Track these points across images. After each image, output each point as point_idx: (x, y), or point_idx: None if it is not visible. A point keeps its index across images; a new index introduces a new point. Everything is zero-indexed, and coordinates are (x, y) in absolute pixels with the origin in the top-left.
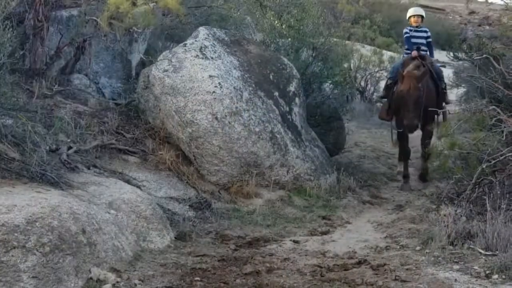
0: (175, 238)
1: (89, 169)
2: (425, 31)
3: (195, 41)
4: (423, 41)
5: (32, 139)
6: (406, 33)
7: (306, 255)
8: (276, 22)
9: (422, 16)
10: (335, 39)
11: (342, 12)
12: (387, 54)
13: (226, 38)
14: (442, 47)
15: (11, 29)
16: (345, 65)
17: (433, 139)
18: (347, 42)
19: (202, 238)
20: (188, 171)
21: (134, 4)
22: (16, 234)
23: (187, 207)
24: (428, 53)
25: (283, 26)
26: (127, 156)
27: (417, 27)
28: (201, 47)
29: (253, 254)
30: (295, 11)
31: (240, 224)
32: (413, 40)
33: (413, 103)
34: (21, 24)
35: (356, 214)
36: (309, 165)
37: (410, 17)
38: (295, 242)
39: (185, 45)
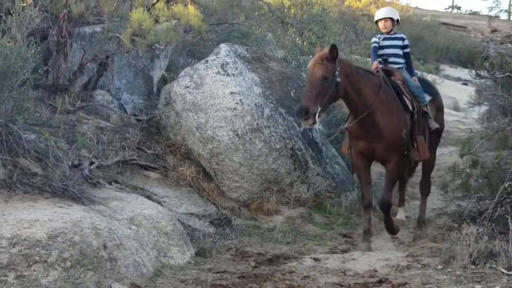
0: (195, 254)
1: (110, 184)
2: (400, 39)
3: (217, 57)
4: (397, 51)
5: (55, 154)
6: (374, 42)
7: (326, 273)
8: (297, 39)
9: (393, 20)
10: (356, 56)
11: (364, 29)
12: None
13: (247, 55)
14: (464, 65)
15: (35, 45)
16: None
17: (454, 158)
18: (368, 59)
19: (222, 254)
20: (208, 187)
21: (156, 21)
22: (38, 248)
23: (208, 223)
24: (402, 66)
25: (305, 43)
26: (148, 172)
27: (388, 33)
28: (223, 63)
29: (273, 271)
30: (316, 28)
31: (260, 241)
32: (382, 51)
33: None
34: (45, 40)
35: (377, 232)
36: (329, 182)
37: (377, 21)
38: (316, 259)
39: (206, 61)
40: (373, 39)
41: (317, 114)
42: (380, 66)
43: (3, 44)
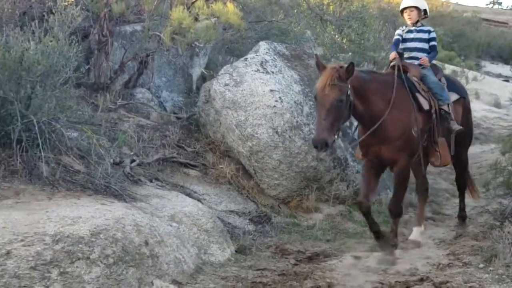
0: (235, 251)
1: (151, 182)
2: (426, 31)
3: (256, 55)
4: (422, 45)
5: (97, 152)
6: (397, 35)
7: (367, 271)
8: (336, 36)
9: (419, 9)
10: None
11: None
12: (449, 68)
13: (286, 53)
14: (505, 61)
15: (76, 44)
16: None
17: (495, 155)
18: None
19: (262, 252)
20: (248, 185)
21: (196, 19)
22: (80, 245)
23: (247, 220)
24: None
25: (344, 40)
26: (188, 170)
27: (414, 25)
28: (262, 61)
29: (313, 269)
30: (356, 25)
31: (300, 239)
32: (405, 45)
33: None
34: (86, 39)
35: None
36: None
37: (402, 11)
38: (356, 257)
39: (246, 59)
40: (397, 31)
41: (334, 141)
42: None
43: (45, 43)
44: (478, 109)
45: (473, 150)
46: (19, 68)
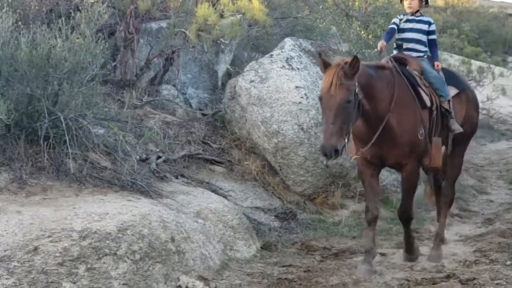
0: (261, 248)
1: (177, 178)
2: (426, 22)
3: (281, 52)
4: (420, 36)
5: (123, 149)
6: (393, 23)
7: (393, 268)
8: (362, 32)
9: None
10: None
11: None
12: (475, 64)
13: (312, 49)
14: None
15: (103, 41)
16: None
17: None
18: None
19: (287, 248)
20: (273, 182)
21: (221, 16)
22: (107, 241)
23: (273, 217)
24: (424, 55)
25: (370, 36)
26: (213, 166)
27: (413, 14)
28: (287, 58)
29: (339, 266)
30: (381, 21)
31: (325, 235)
32: (402, 35)
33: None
34: (112, 36)
35: (445, 227)
36: (395, 176)
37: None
38: (382, 254)
39: (271, 56)
40: (393, 20)
41: (344, 146)
42: (394, 53)
43: (72, 41)
44: (505, 105)
45: (500, 146)
46: (46, 65)
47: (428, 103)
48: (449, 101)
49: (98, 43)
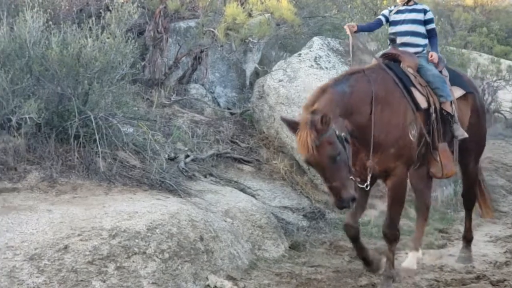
0: (289, 247)
1: (205, 177)
2: (421, 11)
3: (310, 51)
4: (415, 27)
5: (152, 148)
6: (382, 15)
7: (422, 269)
8: None
9: None
10: (451, 48)
11: (459, 20)
12: (505, 63)
13: (340, 48)
14: None
15: (133, 40)
16: None
17: None
18: (463, 50)
19: (316, 248)
20: (301, 181)
21: (250, 15)
22: (137, 240)
23: (301, 216)
24: (423, 49)
25: None
26: (242, 165)
27: (406, 4)
28: (316, 57)
29: None
30: None
31: None
32: (394, 28)
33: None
34: (141, 36)
35: (474, 228)
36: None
37: None
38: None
39: (299, 55)
40: (383, 11)
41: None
42: (388, 48)
43: (103, 40)
44: None
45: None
46: (76, 64)
47: (424, 104)
48: (451, 102)
49: (128, 42)
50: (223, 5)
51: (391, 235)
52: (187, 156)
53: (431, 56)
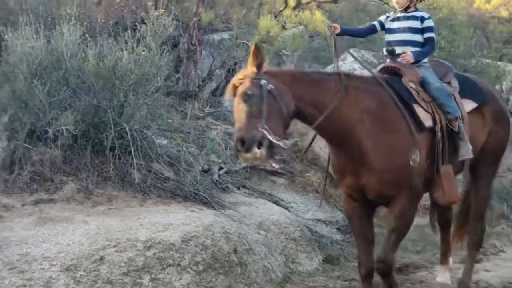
0: (323, 261)
1: (239, 189)
2: (418, 18)
3: (344, 63)
4: (412, 36)
5: (186, 159)
6: (377, 21)
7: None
8: None
9: None
10: (487, 60)
11: (494, 33)
12: None
13: (374, 60)
14: None
15: (167, 53)
16: (497, 87)
17: None
18: (499, 63)
19: (350, 262)
20: (335, 194)
21: (283, 27)
22: (171, 252)
23: (335, 230)
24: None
25: None
26: (275, 178)
27: (404, 10)
28: (350, 69)
29: (403, 280)
30: (445, 32)
31: None
32: (391, 37)
33: None
34: (175, 48)
35: (511, 243)
36: (460, 190)
37: None
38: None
39: (333, 67)
40: (380, 17)
41: (269, 141)
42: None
43: (138, 53)
44: None
45: None
46: (112, 77)
47: (429, 123)
48: (458, 118)
49: (162, 55)
50: (257, 17)
51: (386, 268)
52: (221, 168)
53: (404, 55)
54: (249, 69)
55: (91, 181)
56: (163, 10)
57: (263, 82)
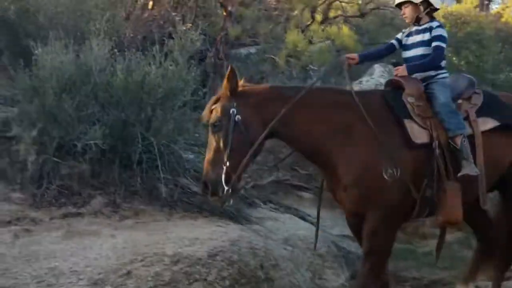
0: (350, 277)
1: (265, 204)
2: (429, 29)
3: (371, 78)
4: (423, 50)
5: None
6: (395, 38)
7: None
8: (454, 58)
9: (415, 5)
10: None
11: None
12: None
13: None
14: None
15: (194, 67)
16: None
17: None
18: None
19: None
20: None
21: (310, 42)
22: (198, 267)
23: None
24: (436, 75)
25: (462, 62)
26: (301, 192)
27: (415, 24)
28: (377, 84)
29: None
30: (474, 47)
31: (416, 266)
32: (405, 54)
33: None
34: (202, 62)
35: None
36: (488, 206)
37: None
38: (476, 287)
39: (360, 82)
40: (398, 34)
41: (227, 182)
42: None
43: (166, 67)
44: None
45: None
46: (140, 91)
47: (422, 139)
48: (457, 135)
49: (190, 69)
50: (283, 32)
51: None
52: (247, 182)
53: (396, 69)
54: (224, 92)
55: (118, 195)
56: (191, 25)
57: (232, 110)
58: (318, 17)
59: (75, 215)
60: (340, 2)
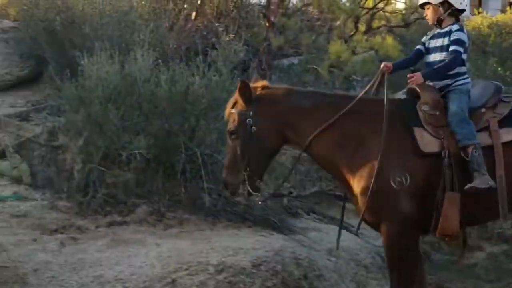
0: None
1: (308, 215)
2: (448, 33)
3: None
4: (443, 55)
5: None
6: (422, 43)
7: None
8: (499, 68)
9: (433, 4)
10: None
11: None
12: None
13: None
14: None
15: (238, 78)
16: None
17: None
18: None
19: None
20: None
21: (353, 52)
22: (242, 276)
23: None
24: (454, 81)
25: (508, 73)
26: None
27: (438, 26)
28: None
29: None
30: None
31: (460, 278)
32: (428, 58)
33: None
34: (245, 72)
35: None
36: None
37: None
38: None
39: (404, 92)
40: (423, 38)
41: (250, 182)
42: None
43: (209, 78)
44: None
45: None
46: (184, 102)
47: (432, 148)
48: (468, 145)
49: (233, 80)
50: (326, 42)
51: None
52: (290, 193)
53: (410, 77)
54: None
55: (162, 204)
56: (234, 35)
57: (248, 120)
58: (362, 27)
59: (120, 223)
60: (384, 12)
